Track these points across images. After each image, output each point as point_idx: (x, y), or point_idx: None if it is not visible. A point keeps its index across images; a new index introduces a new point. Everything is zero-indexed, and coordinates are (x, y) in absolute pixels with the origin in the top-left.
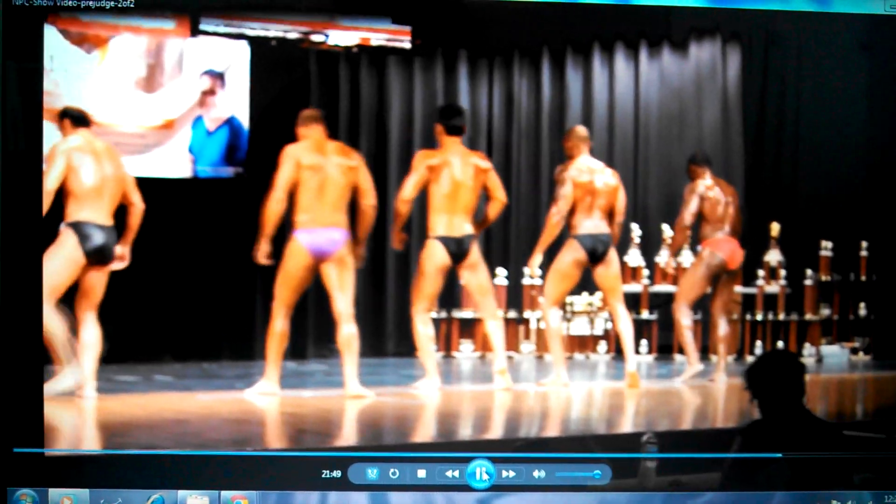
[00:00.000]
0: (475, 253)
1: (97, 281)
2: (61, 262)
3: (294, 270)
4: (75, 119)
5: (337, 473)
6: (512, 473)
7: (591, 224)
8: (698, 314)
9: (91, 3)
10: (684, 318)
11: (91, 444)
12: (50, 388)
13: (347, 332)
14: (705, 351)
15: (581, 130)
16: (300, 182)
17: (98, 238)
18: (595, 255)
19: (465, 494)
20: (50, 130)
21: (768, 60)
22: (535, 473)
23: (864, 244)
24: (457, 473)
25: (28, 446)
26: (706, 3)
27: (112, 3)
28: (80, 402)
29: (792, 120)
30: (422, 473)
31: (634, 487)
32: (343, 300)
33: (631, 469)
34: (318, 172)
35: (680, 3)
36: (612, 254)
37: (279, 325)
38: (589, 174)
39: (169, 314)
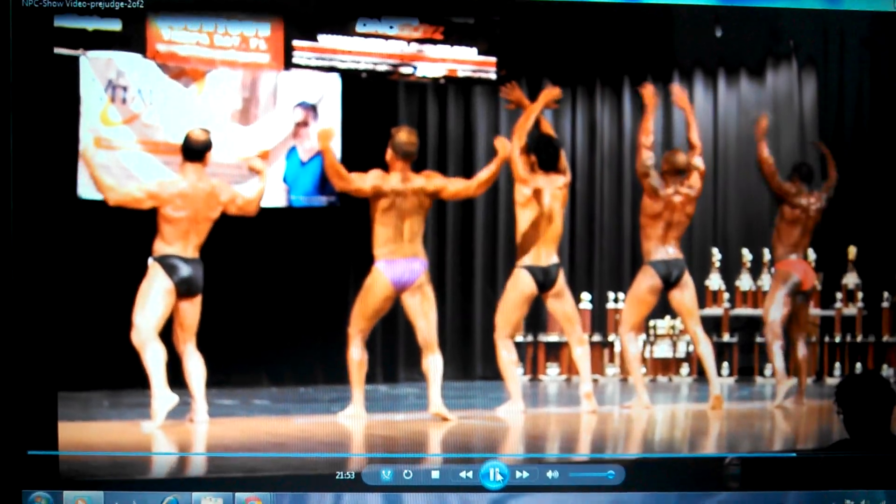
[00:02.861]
0: (561, 281)
1: (190, 312)
2: (154, 294)
3: (374, 300)
4: (184, 151)
5: (350, 475)
6: (525, 474)
7: (664, 250)
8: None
9: (101, 4)
10: (774, 342)
11: (199, 467)
12: (154, 420)
13: (432, 358)
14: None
15: (679, 158)
16: (380, 213)
17: (184, 270)
18: (669, 280)
19: (478, 495)
20: (149, 161)
21: (844, 86)
22: (549, 474)
23: None
24: (470, 474)
25: (42, 449)
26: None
27: (121, 3)
28: (193, 427)
29: (868, 145)
30: (435, 475)
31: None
32: (426, 328)
33: (643, 469)
34: (398, 205)
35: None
36: (687, 278)
37: (356, 352)
38: (673, 203)
39: (265, 340)
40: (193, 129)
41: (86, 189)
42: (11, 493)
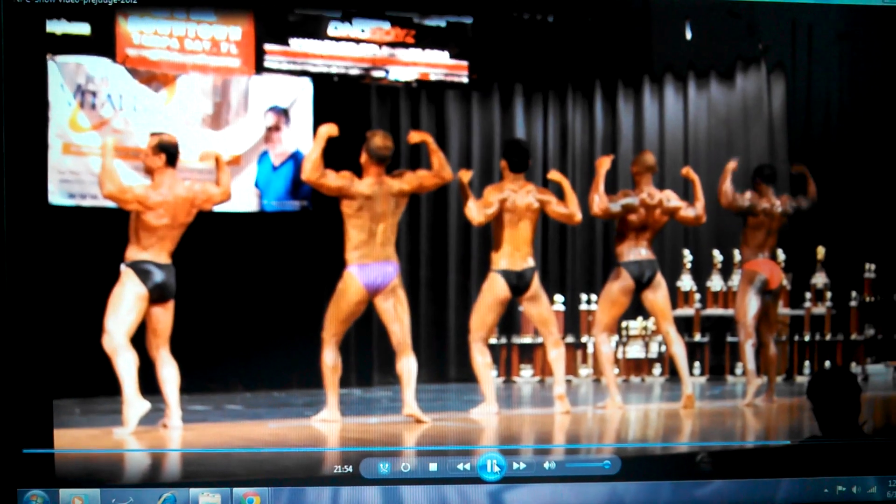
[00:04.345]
0: (535, 285)
1: (163, 317)
2: (127, 300)
3: (347, 305)
4: (164, 152)
5: (348, 468)
6: (522, 465)
7: (636, 251)
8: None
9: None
10: (747, 341)
11: (172, 473)
12: (126, 427)
13: (406, 361)
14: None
15: (648, 158)
16: (352, 216)
17: (157, 276)
18: (642, 281)
19: (476, 487)
20: (119, 167)
21: (812, 89)
22: (546, 465)
23: None
24: (468, 466)
25: (37, 447)
26: None
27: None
28: (166, 433)
29: (836, 147)
30: (433, 467)
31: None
32: (400, 331)
33: (639, 459)
34: (371, 208)
35: None
36: (660, 278)
37: (330, 357)
38: (647, 203)
39: (238, 345)
40: (166, 134)
41: (55, 195)
42: (7, 492)
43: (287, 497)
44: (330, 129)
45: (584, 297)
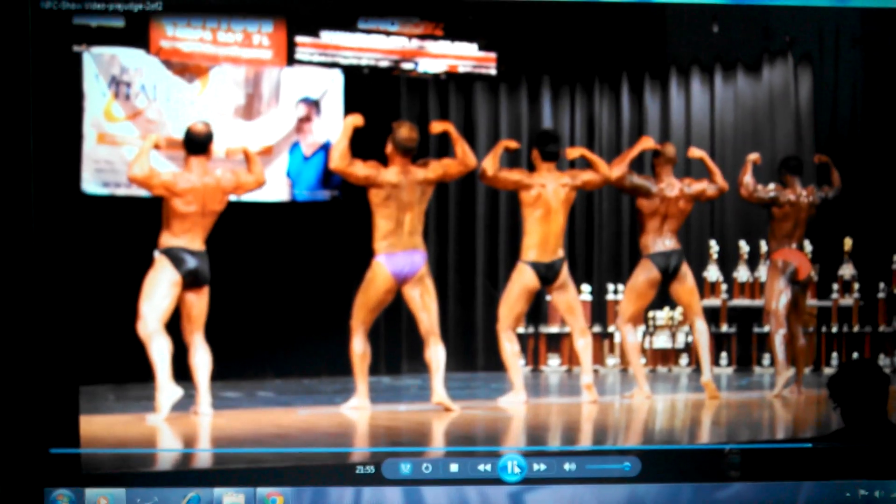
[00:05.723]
0: (564, 274)
1: (198, 303)
2: (161, 285)
3: (375, 293)
4: (187, 145)
5: (370, 469)
6: (543, 466)
7: (662, 242)
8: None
9: (119, 5)
10: (777, 331)
11: (198, 464)
12: (158, 413)
13: (434, 349)
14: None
15: (669, 149)
16: (379, 206)
17: (191, 262)
18: (668, 272)
19: (497, 488)
20: (153, 156)
21: (839, 80)
22: (566, 466)
23: None
24: (489, 467)
25: (64, 447)
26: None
27: (139, 6)
28: (197, 420)
29: (863, 138)
30: (454, 468)
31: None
32: (428, 320)
33: (660, 461)
34: (398, 197)
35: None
36: (686, 269)
37: (359, 345)
38: (668, 194)
39: (269, 332)
40: (195, 122)
41: (89, 184)
42: (34, 491)
43: (310, 497)
44: (355, 120)
45: (610, 287)
